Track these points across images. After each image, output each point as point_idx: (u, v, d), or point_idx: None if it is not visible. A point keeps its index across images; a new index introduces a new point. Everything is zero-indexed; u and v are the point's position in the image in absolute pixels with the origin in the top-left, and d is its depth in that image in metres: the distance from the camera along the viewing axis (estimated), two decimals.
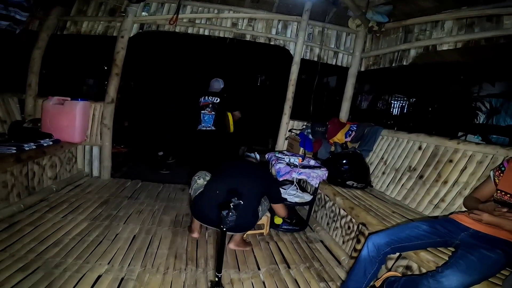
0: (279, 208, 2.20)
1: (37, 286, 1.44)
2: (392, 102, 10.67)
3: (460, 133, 6.00)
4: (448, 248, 1.45)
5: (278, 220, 2.50)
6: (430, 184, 2.11)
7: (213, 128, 3.29)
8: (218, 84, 3.45)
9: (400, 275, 1.57)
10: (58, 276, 1.53)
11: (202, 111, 3.34)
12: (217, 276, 1.38)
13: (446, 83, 7.93)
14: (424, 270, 1.46)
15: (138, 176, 3.46)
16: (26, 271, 1.53)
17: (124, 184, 3.18)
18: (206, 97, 3.35)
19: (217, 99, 3.31)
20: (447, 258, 1.32)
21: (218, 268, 1.38)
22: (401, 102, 10.58)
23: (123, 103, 5.95)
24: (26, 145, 2.42)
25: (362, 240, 1.87)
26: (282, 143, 3.67)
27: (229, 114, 3.32)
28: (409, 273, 1.58)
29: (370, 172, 2.67)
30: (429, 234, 1.42)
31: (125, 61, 3.25)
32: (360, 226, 1.93)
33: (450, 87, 8.05)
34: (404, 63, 2.94)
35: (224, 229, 1.29)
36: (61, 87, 4.01)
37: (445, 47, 2.56)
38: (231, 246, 2.08)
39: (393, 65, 3.07)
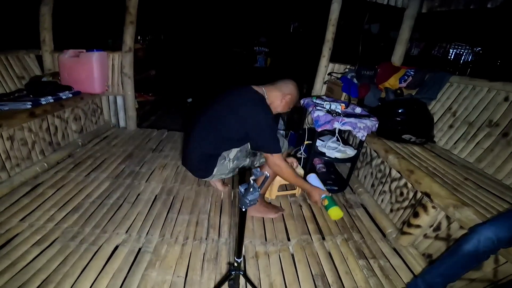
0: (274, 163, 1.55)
1: (51, 262, 1.34)
2: (452, 50, 8.65)
3: None
4: None
5: (335, 214, 1.44)
6: None
7: (263, 65, 7.57)
8: (265, 39, 7.73)
9: None
10: (74, 250, 1.44)
11: (258, 55, 7.61)
12: (236, 262, 1.16)
13: None
14: None
15: (165, 125, 3.38)
16: (43, 245, 1.44)
17: (149, 135, 3.05)
18: (259, 47, 7.68)
19: (266, 49, 7.61)
20: None
21: (238, 253, 1.14)
22: (464, 50, 8.48)
23: (151, 53, 5.70)
24: (43, 99, 2.27)
25: (423, 214, 1.50)
26: (319, 88, 3.16)
27: (268, 59, 7.69)
28: None
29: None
30: None
31: (150, 14, 3.00)
32: (420, 195, 1.54)
33: None
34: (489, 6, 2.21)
35: (243, 208, 1.00)
36: (83, 41, 3.76)
37: None
38: (250, 212, 1.80)
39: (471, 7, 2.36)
